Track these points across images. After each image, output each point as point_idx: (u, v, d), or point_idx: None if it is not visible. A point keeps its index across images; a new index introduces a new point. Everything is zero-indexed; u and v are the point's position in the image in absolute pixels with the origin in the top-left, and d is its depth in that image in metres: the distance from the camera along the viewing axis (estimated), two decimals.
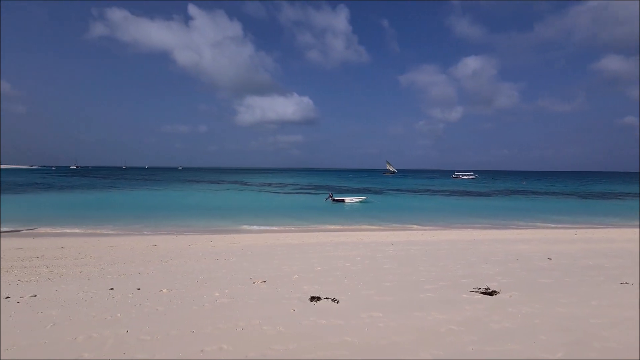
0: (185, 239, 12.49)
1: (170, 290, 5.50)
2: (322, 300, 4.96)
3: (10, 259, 8.10)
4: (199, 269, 7.24)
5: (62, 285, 5.80)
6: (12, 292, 5.39)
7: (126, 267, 7.29)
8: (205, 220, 18.79)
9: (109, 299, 5.08)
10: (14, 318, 4.29)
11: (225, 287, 5.76)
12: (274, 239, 12.27)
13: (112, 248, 9.98)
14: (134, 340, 3.65)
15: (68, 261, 8.00)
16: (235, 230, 15.76)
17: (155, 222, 17.86)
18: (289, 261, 7.98)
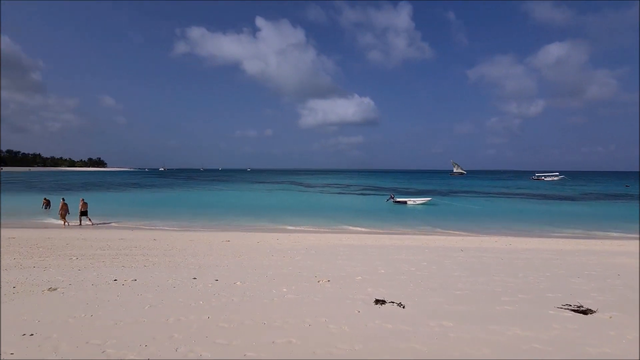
0: (254, 236, 13.33)
1: (243, 283, 5.94)
2: (387, 304, 4.88)
3: (115, 248, 9.57)
4: (267, 265, 7.68)
5: (155, 273, 6.67)
6: (118, 275, 6.37)
7: (205, 260, 8.08)
8: (270, 219, 19.81)
9: (192, 287, 5.69)
10: (120, 298, 5.07)
11: (292, 283, 6.01)
12: (336, 240, 12.41)
13: (193, 242, 11.14)
14: (214, 326, 4.03)
15: (159, 251, 9.16)
16: (298, 230, 16.32)
17: (228, 220, 19.41)
18: (351, 262, 8.00)
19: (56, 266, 7.06)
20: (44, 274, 6.36)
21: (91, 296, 5.09)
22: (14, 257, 7.97)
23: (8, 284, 5.65)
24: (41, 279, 6.03)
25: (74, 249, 9.27)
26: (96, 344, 3.52)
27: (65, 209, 16.52)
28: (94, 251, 8.95)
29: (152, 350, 3.41)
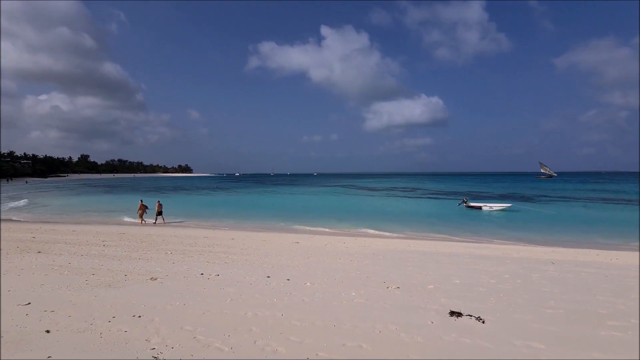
0: (322, 239, 13.63)
1: (313, 284, 6.13)
2: (464, 317, 4.55)
3: (201, 245, 10.71)
4: (335, 267, 7.79)
5: (234, 269, 7.29)
6: (204, 270, 7.12)
7: (277, 260, 8.54)
8: (336, 222, 20.03)
9: (266, 285, 6.07)
10: (206, 290, 5.65)
11: (360, 288, 6.00)
12: (405, 245, 12.00)
13: (266, 242, 11.87)
14: (287, 324, 4.24)
15: (237, 250, 9.98)
16: (365, 234, 16.19)
17: (297, 222, 20.19)
18: (422, 270, 7.65)
19: (155, 259, 8.19)
20: (146, 265, 7.44)
21: (183, 287, 5.79)
22: (124, 249, 9.47)
23: (121, 272, 6.74)
24: (145, 269, 7.07)
25: (168, 244, 10.64)
26: (188, 329, 3.98)
27: (143, 209, 18.92)
28: (183, 247, 10.15)
29: (234, 340, 3.74)
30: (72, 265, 7.16)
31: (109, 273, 6.60)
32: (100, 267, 7.07)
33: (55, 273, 6.49)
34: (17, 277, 6.16)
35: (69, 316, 4.29)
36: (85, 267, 7.09)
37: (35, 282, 5.80)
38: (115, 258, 8.16)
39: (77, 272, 6.58)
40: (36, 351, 3.35)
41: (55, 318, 4.23)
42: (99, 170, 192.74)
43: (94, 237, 11.96)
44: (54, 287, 5.54)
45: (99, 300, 4.94)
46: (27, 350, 3.38)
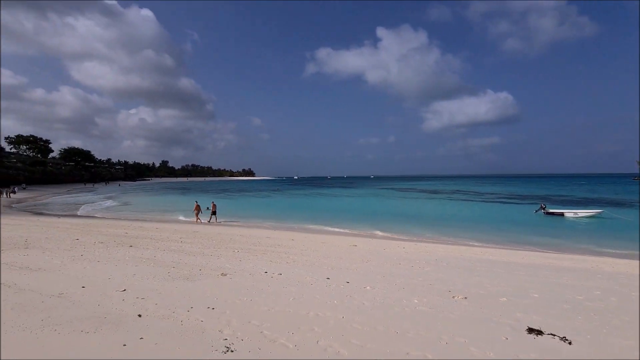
0: (380, 242, 13.39)
1: (373, 289, 6.06)
2: (546, 336, 4.07)
3: (264, 245, 11.29)
4: (395, 272, 7.59)
5: (295, 269, 7.54)
6: (268, 268, 7.49)
7: (337, 262, 8.61)
8: (394, 226, 19.48)
9: (327, 286, 6.17)
10: (270, 288, 5.94)
11: (423, 295, 5.75)
12: (471, 252, 11.19)
13: (324, 244, 12.06)
14: (348, 326, 4.26)
15: (297, 250, 10.31)
16: (425, 239, 15.47)
17: (354, 224, 20.13)
18: (493, 280, 7.05)
19: (225, 256, 8.86)
20: (217, 262, 8.08)
21: (250, 283, 6.16)
22: (198, 246, 10.42)
23: (196, 266, 7.43)
24: (216, 265, 7.69)
25: (235, 243, 11.43)
26: (255, 324, 4.23)
27: (198, 209, 20.73)
28: (248, 246, 10.81)
29: (297, 338, 3.87)
30: (156, 259, 8.11)
31: (186, 267, 7.33)
32: (179, 262, 7.88)
33: (143, 264, 7.41)
34: (115, 266, 7.17)
35: (155, 304, 4.87)
36: (167, 260, 7.96)
37: (128, 272, 6.70)
38: (191, 254, 9.02)
39: (160, 265, 7.43)
40: (131, 332, 3.87)
41: (145, 304, 4.83)
42: (176, 174, 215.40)
43: (173, 234, 13.37)
44: (143, 277, 6.34)
45: (179, 291, 5.51)
46: (124, 331, 3.91)
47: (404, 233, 17.22)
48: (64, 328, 3.89)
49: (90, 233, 12.48)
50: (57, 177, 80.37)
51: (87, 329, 3.90)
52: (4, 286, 5.41)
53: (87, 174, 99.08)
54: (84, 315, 4.31)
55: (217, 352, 3.45)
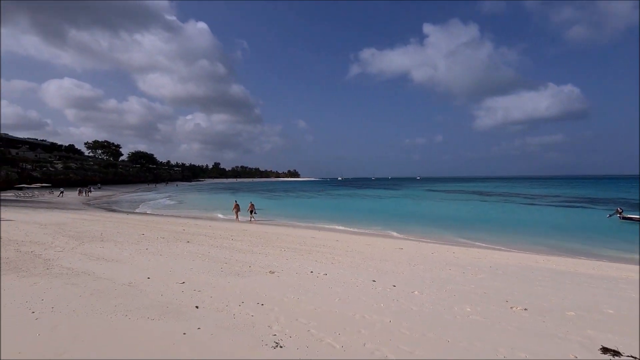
0: (426, 246, 12.89)
1: (421, 294, 5.85)
2: (625, 358, 3.61)
3: (309, 245, 11.47)
4: (444, 278, 7.25)
5: (340, 270, 7.56)
6: (313, 268, 7.60)
7: (382, 265, 8.46)
8: (442, 230, 18.59)
9: (372, 289, 6.09)
10: (316, 288, 6.02)
11: (477, 304, 5.42)
12: (531, 261, 10.29)
13: (369, 246, 11.91)
14: (396, 331, 4.16)
15: (341, 251, 10.32)
16: (477, 244, 14.55)
17: (400, 227, 19.60)
18: (557, 291, 6.41)
19: (272, 255, 9.17)
20: (265, 260, 8.39)
21: (296, 282, 6.31)
22: (247, 244, 10.91)
23: (246, 263, 7.79)
24: (264, 263, 7.99)
25: (282, 242, 11.77)
26: (303, 322, 4.32)
27: (237, 208, 22.17)
28: (294, 246, 11.06)
29: (344, 339, 3.87)
30: (210, 255, 8.65)
31: (237, 263, 7.72)
32: (230, 258, 8.32)
33: (199, 260, 7.95)
34: (174, 260, 7.79)
35: (210, 296, 5.20)
36: (220, 256, 8.46)
37: (186, 266, 7.23)
38: (241, 251, 9.47)
39: (214, 260, 7.91)
40: (190, 321, 4.17)
41: (201, 297, 5.18)
42: (226, 175, 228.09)
43: (224, 232, 14.15)
44: (199, 271, 6.80)
45: (231, 286, 5.83)
46: (184, 320, 4.23)
47: (452, 237, 16.36)
48: (133, 314, 4.32)
49: (154, 229, 13.69)
50: (126, 178, 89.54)
51: (152, 316, 4.29)
52: (84, 274, 6.16)
53: (151, 175, 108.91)
54: (149, 303, 4.75)
55: (266, 346, 3.58)
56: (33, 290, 5.10)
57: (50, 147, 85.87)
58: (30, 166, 58.99)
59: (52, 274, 6.02)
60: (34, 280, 5.61)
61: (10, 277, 5.76)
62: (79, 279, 5.82)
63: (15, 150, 66.82)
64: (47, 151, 80.00)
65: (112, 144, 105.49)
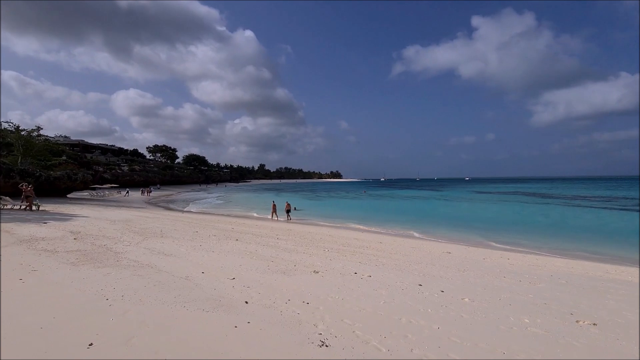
0: (477, 251, 12.17)
1: (472, 301, 5.55)
2: None
3: (352, 246, 11.44)
4: (499, 286, 6.79)
5: (385, 273, 7.43)
6: (357, 269, 7.57)
7: (428, 269, 8.17)
8: (494, 233, 17.39)
9: (419, 293, 5.91)
10: (360, 289, 6.00)
11: (536, 315, 5.00)
12: (601, 270, 9.24)
13: (414, 249, 11.56)
14: (445, 338, 4.00)
15: (385, 254, 10.14)
16: (534, 250, 13.39)
17: (448, 230, 18.73)
18: (634, 307, 5.69)
19: (316, 254, 9.30)
20: (309, 259, 8.54)
21: (340, 283, 6.34)
22: (292, 243, 11.19)
23: (291, 262, 7.99)
24: (308, 262, 8.13)
25: (325, 243, 11.88)
26: (348, 323, 4.33)
27: (274, 208, 23.54)
28: (337, 246, 11.10)
29: (390, 342, 3.81)
30: (258, 253, 9.01)
31: (282, 262, 7.95)
32: (276, 257, 8.59)
33: (247, 257, 8.33)
34: (225, 257, 8.24)
35: (258, 293, 5.42)
36: (266, 255, 8.78)
37: (236, 263, 7.62)
38: (286, 250, 9.74)
39: (261, 259, 8.23)
40: (240, 316, 4.39)
41: (250, 293, 5.42)
42: (271, 176, 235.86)
43: (270, 231, 14.64)
44: (248, 268, 7.12)
45: (277, 284, 6.02)
46: (235, 314, 4.47)
47: (506, 242, 15.23)
48: (191, 306, 4.66)
49: (206, 227, 14.61)
50: (181, 179, 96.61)
51: (207, 308, 4.59)
52: (148, 266, 6.77)
53: (202, 176, 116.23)
54: (204, 296, 5.09)
55: (312, 344, 3.66)
56: (106, 279, 5.72)
57: (118, 152, 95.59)
58: (102, 169, 66.14)
59: (121, 266, 6.71)
60: (107, 270, 6.30)
61: (87, 266, 6.52)
62: (144, 271, 6.42)
63: (90, 154, 75.41)
64: (115, 155, 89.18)
65: (169, 148, 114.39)
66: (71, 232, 10.55)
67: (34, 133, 36.42)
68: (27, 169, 26.67)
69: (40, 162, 35.31)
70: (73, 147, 74.66)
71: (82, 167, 47.49)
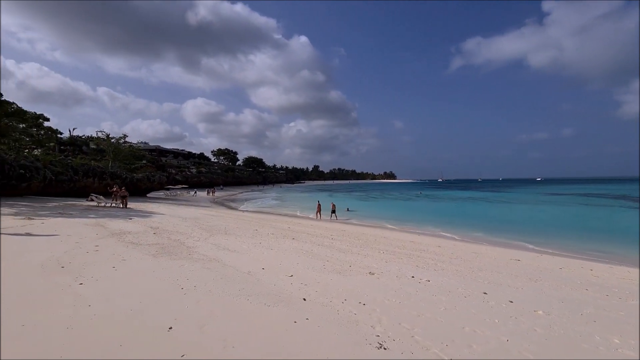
0: (552, 259, 10.93)
1: (547, 314, 5.03)
2: None
3: (409, 248, 11.09)
4: (579, 299, 6.05)
5: (445, 278, 7.09)
6: (414, 273, 7.34)
7: (494, 276, 7.58)
8: (575, 241, 15.41)
9: (484, 302, 5.53)
10: (418, 294, 5.80)
11: (629, 335, 4.36)
12: None
13: (477, 255, 10.80)
14: (515, 352, 3.70)
15: (445, 258, 9.65)
16: (624, 261, 11.57)
17: (511, 234, 17.14)
18: None
19: (371, 256, 9.22)
20: (364, 260, 8.50)
21: (397, 286, 6.21)
22: (346, 244, 11.23)
23: (346, 262, 8.04)
24: (363, 263, 8.10)
25: (379, 244, 11.71)
26: (406, 327, 4.24)
27: (319, 208, 24.44)
28: (393, 249, 10.86)
29: (452, 351, 3.64)
30: (313, 252, 9.23)
31: (338, 262, 8.04)
32: (332, 257, 8.71)
33: (304, 256, 8.59)
34: (283, 255, 8.60)
35: (315, 291, 5.57)
36: (322, 254, 8.95)
37: (293, 261, 7.90)
38: (340, 250, 9.82)
39: (317, 258, 8.42)
40: (299, 312, 4.56)
41: (307, 290, 5.59)
42: (324, 177, 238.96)
43: (325, 231, 14.87)
44: (305, 267, 7.34)
45: (333, 283, 6.12)
46: (294, 310, 4.65)
47: (589, 250, 13.41)
48: (254, 299, 4.97)
49: (265, 226, 15.37)
50: (241, 180, 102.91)
51: (268, 303, 4.85)
52: (215, 261, 7.37)
53: (260, 178, 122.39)
54: (265, 291, 5.39)
55: (370, 346, 3.66)
56: (181, 270, 6.37)
57: (187, 155, 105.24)
58: (174, 171, 73.35)
59: (193, 259, 7.40)
60: (181, 262, 7.00)
61: (165, 258, 7.32)
62: (212, 264, 7.00)
63: (165, 158, 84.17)
64: (185, 158, 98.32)
65: (231, 151, 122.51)
66: (151, 228, 11.92)
67: (121, 140, 41.91)
68: (116, 172, 30.71)
69: (126, 165, 40.40)
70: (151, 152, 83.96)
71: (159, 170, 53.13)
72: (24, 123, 26.08)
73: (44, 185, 22.97)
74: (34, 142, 30.50)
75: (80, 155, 41.50)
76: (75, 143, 53.20)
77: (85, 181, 26.71)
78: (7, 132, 24.45)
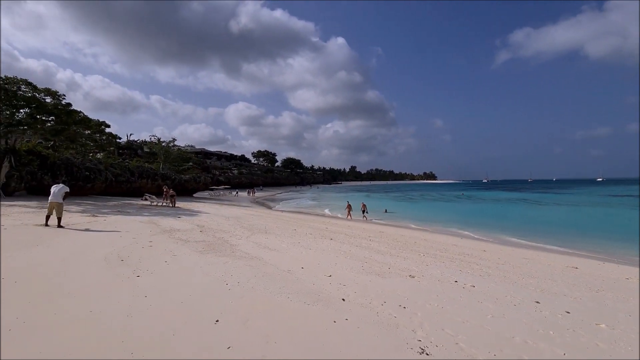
0: (617, 268, 9.88)
1: (611, 329, 4.57)
2: None
3: (450, 252, 10.65)
4: None
5: (491, 284, 6.71)
6: (458, 278, 7.03)
7: (547, 284, 7.03)
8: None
9: (536, 311, 5.15)
10: (462, 299, 5.56)
11: None
12: None
13: (527, 260, 10.08)
14: None
15: (491, 263, 9.12)
16: None
17: (568, 240, 15.72)
18: None
19: (410, 258, 8.99)
20: (404, 263, 8.31)
21: (439, 290, 5.99)
22: (384, 246, 11.05)
23: (385, 264, 7.92)
24: (403, 266, 7.92)
25: (419, 247, 11.37)
26: (449, 334, 4.08)
27: (350, 208, 24.99)
28: (434, 252, 10.48)
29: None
30: (351, 253, 9.21)
31: (376, 264, 7.95)
32: (370, 258, 8.63)
33: (342, 256, 8.60)
34: (321, 255, 8.68)
35: (354, 292, 5.56)
36: (360, 255, 8.90)
37: (331, 261, 7.95)
38: (379, 252, 9.69)
39: (355, 259, 8.39)
40: (338, 312, 4.59)
41: (346, 291, 5.60)
42: (362, 178, 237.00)
43: (362, 232, 14.76)
44: (343, 267, 7.36)
45: (372, 285, 6.06)
46: (333, 310, 4.69)
47: None
48: (294, 297, 5.09)
49: (303, 226, 15.62)
50: (280, 181, 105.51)
51: (308, 301, 4.94)
52: (256, 259, 7.64)
53: (298, 178, 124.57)
54: (305, 290, 5.49)
55: (412, 350, 3.58)
56: (225, 267, 6.69)
57: (229, 157, 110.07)
58: (217, 172, 77.10)
59: (236, 256, 7.74)
60: (225, 259, 7.35)
61: (210, 255, 7.73)
62: (253, 262, 7.27)
63: (209, 160, 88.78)
64: (227, 160, 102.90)
65: (270, 153, 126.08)
66: (197, 226, 12.65)
67: (171, 144, 44.99)
68: (166, 173, 33.00)
69: (174, 167, 43.28)
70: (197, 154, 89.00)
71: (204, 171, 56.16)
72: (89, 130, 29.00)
73: (105, 185, 25.36)
74: (97, 147, 33.81)
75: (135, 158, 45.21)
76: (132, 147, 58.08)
77: (140, 182, 29.04)
78: (75, 138, 27.37)
